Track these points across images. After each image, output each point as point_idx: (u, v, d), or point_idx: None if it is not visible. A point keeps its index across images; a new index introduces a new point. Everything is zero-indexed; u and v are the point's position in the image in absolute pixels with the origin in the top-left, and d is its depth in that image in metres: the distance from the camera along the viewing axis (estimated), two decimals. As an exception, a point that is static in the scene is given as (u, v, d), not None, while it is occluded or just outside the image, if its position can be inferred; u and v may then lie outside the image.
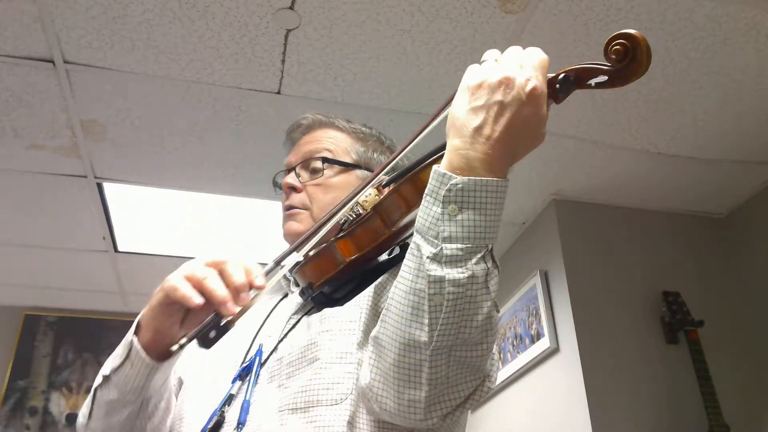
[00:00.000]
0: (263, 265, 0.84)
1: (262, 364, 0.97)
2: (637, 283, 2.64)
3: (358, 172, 1.15)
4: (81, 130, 2.32)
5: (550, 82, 0.77)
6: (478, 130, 0.74)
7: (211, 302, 0.76)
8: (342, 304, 0.98)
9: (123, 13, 1.87)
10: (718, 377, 2.35)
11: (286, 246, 1.14)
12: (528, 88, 0.73)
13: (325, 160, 1.13)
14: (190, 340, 0.76)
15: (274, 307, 1.10)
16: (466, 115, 0.75)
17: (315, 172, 1.14)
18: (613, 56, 0.73)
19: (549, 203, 2.78)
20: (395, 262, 1.05)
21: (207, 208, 2.84)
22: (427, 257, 0.73)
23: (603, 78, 0.75)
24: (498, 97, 0.74)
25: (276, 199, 1.23)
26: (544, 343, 2.59)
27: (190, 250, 3.15)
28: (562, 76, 0.77)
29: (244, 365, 0.98)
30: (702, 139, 2.42)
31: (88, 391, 3.80)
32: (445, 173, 0.74)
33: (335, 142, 1.16)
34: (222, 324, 0.76)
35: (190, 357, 1.09)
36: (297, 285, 1.10)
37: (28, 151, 2.41)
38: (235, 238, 3.08)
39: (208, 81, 2.12)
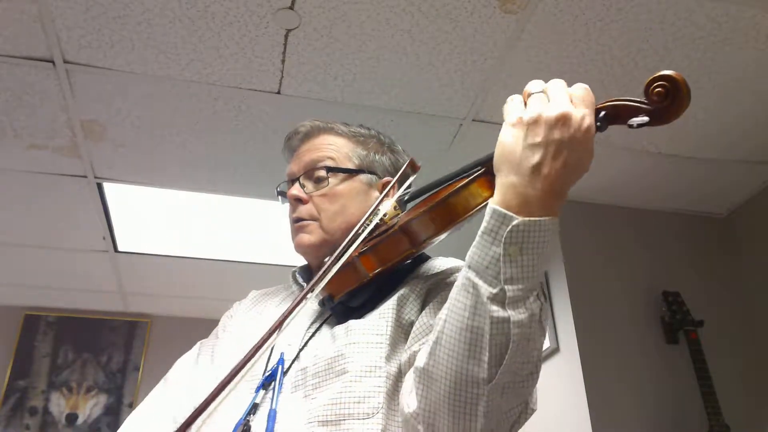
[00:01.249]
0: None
1: (284, 373, 0.96)
2: (637, 283, 2.64)
3: (362, 177, 1.14)
4: (81, 130, 2.32)
5: None
6: (537, 168, 0.73)
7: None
8: (360, 314, 0.98)
9: (123, 13, 1.87)
10: (718, 377, 2.35)
11: (290, 249, 1.15)
12: (584, 126, 0.73)
13: (328, 169, 1.12)
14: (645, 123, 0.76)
15: (288, 313, 1.10)
16: (522, 152, 0.74)
17: (319, 181, 1.13)
18: (655, 97, 0.74)
19: (549, 203, 2.77)
20: (409, 270, 1.06)
21: (207, 208, 2.84)
22: (488, 297, 0.73)
23: (644, 119, 0.76)
24: (556, 135, 0.73)
25: (275, 199, 1.23)
26: (544, 343, 2.59)
27: (190, 250, 3.15)
28: (603, 113, 0.78)
29: (267, 374, 0.97)
30: (702, 139, 2.42)
31: (88, 390, 3.83)
32: (505, 214, 0.73)
33: (336, 148, 1.15)
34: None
35: (207, 363, 1.09)
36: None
37: (28, 151, 2.41)
38: (235, 238, 3.08)
39: (208, 81, 2.12)
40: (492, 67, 2.07)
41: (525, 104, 0.77)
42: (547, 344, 2.57)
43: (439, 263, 1.08)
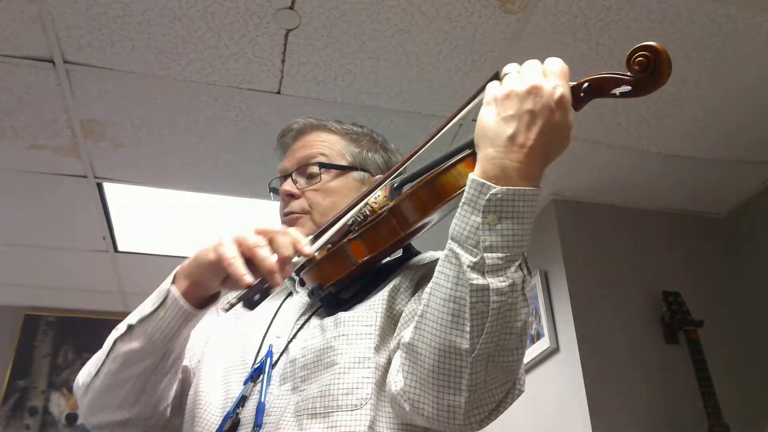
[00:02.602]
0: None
1: (273, 365, 0.97)
2: (637, 283, 2.64)
3: (355, 174, 1.15)
4: (81, 130, 2.32)
5: (574, 90, 0.79)
6: (512, 139, 0.75)
7: (260, 270, 0.80)
8: (350, 306, 0.98)
9: (123, 13, 1.87)
10: (718, 377, 2.35)
11: None
12: (556, 95, 0.75)
13: (321, 165, 1.13)
14: (239, 301, 0.81)
15: (280, 306, 1.10)
16: (497, 125, 0.76)
17: (312, 177, 1.13)
18: (636, 67, 0.76)
19: (549, 203, 2.78)
20: (400, 263, 1.06)
21: (207, 208, 2.84)
22: (468, 266, 0.74)
23: (627, 88, 0.78)
24: (528, 105, 0.75)
25: (275, 198, 1.23)
26: (543, 343, 2.59)
27: (190, 250, 3.14)
28: (586, 85, 0.79)
29: (256, 366, 0.98)
30: (702, 139, 2.42)
31: (88, 390, 3.80)
32: (484, 183, 0.74)
33: (329, 145, 1.16)
34: (266, 287, 0.81)
35: (201, 356, 1.09)
36: (302, 285, 1.11)
37: (28, 151, 2.41)
38: (235, 238, 3.08)
39: (208, 81, 2.12)
40: (492, 67, 2.07)
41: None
42: (547, 344, 2.57)
43: (431, 254, 1.09)
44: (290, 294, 1.13)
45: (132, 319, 0.93)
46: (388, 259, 1.06)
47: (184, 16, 1.89)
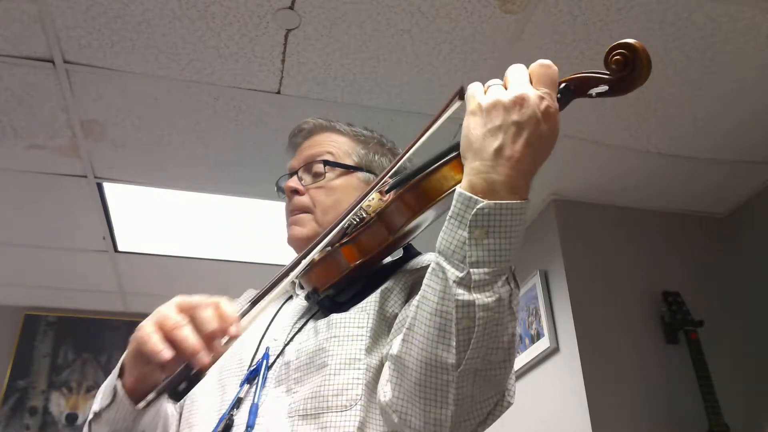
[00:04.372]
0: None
1: (269, 368, 0.97)
2: (637, 283, 2.64)
3: (360, 175, 1.15)
4: (81, 130, 2.32)
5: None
6: (498, 152, 0.73)
7: (181, 354, 0.72)
8: (347, 309, 0.98)
9: (123, 13, 1.87)
10: (718, 377, 2.35)
11: (287, 248, 1.15)
12: (542, 106, 0.73)
13: (326, 163, 1.14)
14: (158, 395, 0.74)
15: (279, 309, 1.10)
16: (483, 137, 0.75)
17: (317, 175, 1.14)
18: (614, 66, 0.74)
19: (549, 203, 2.78)
20: (398, 266, 1.06)
21: (207, 208, 2.84)
22: (454, 281, 0.73)
23: (604, 88, 0.75)
24: (514, 117, 0.73)
25: (275, 198, 1.23)
26: (543, 343, 2.59)
27: (190, 250, 3.15)
28: (563, 86, 0.77)
29: (252, 369, 0.98)
30: (702, 139, 2.42)
31: (88, 390, 3.82)
32: (471, 197, 0.73)
33: (337, 145, 1.17)
34: (193, 374, 0.73)
35: None
36: (302, 288, 1.11)
37: (28, 151, 2.41)
38: (235, 238, 3.08)
39: (208, 81, 2.12)
40: (492, 67, 2.07)
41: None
42: (546, 344, 2.57)
43: (427, 258, 1.08)
44: (290, 297, 1.13)
45: (96, 405, 0.91)
46: (388, 259, 1.07)
47: (184, 16, 1.89)
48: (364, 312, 0.96)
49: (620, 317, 2.55)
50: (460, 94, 0.91)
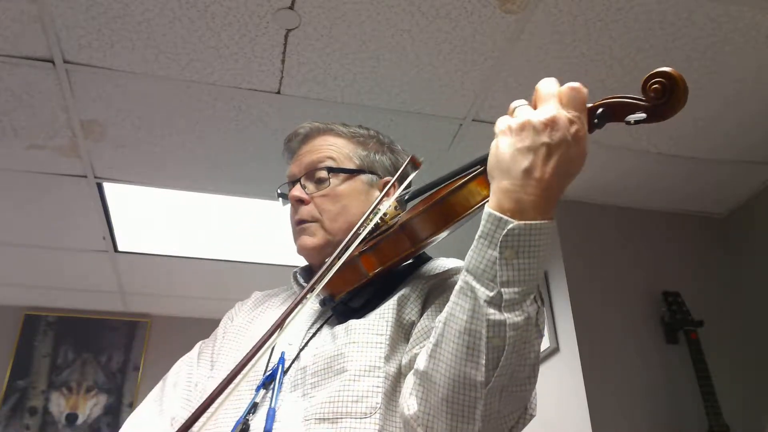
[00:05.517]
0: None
1: (284, 372, 0.97)
2: (637, 283, 2.64)
3: (363, 177, 1.14)
4: (81, 130, 2.32)
5: (588, 114, 0.77)
6: (528, 172, 0.73)
7: None
8: (361, 314, 0.98)
9: (123, 13, 1.87)
10: (718, 377, 2.35)
11: (292, 250, 1.14)
12: (573, 130, 0.74)
13: (330, 169, 1.13)
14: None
15: (286, 314, 1.10)
16: (512, 157, 0.75)
17: (321, 182, 1.13)
18: (652, 94, 0.74)
19: (549, 203, 2.77)
20: (410, 271, 1.06)
21: (207, 208, 2.84)
22: (485, 301, 0.74)
23: (642, 115, 0.76)
24: (544, 138, 0.73)
25: (275, 199, 1.23)
26: (543, 343, 2.59)
27: (190, 250, 3.15)
28: (600, 110, 0.77)
29: (267, 374, 0.98)
30: (702, 139, 2.42)
31: (88, 390, 3.83)
32: (501, 217, 0.74)
33: (336, 149, 1.15)
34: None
35: (207, 366, 1.10)
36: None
37: (28, 151, 2.41)
38: (235, 238, 3.08)
39: (208, 81, 2.12)
40: (492, 67, 2.07)
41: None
42: (546, 344, 2.57)
43: (440, 263, 1.08)
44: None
45: None
46: None
47: (184, 16, 1.89)
48: (382, 319, 0.96)
49: (620, 317, 2.55)
50: (413, 162, 0.97)
